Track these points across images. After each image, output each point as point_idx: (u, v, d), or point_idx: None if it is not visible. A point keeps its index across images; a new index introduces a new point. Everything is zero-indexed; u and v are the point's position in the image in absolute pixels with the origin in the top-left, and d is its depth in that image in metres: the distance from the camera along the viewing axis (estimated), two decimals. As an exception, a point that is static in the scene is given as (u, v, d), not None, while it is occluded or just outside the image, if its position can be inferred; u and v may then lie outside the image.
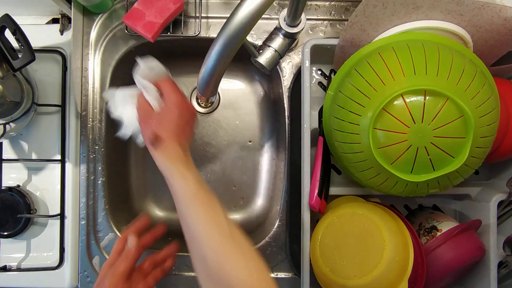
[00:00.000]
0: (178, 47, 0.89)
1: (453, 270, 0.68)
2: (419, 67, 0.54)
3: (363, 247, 0.63)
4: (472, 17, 0.60)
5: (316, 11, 0.83)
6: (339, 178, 0.78)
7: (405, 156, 0.55)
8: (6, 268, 0.80)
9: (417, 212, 0.79)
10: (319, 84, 0.78)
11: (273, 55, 0.72)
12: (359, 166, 0.61)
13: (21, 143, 0.82)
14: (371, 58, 0.60)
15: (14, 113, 0.72)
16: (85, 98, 0.82)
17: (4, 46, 0.64)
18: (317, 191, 0.68)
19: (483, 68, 0.59)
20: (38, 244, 0.82)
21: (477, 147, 0.56)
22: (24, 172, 0.82)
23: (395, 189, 0.61)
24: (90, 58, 0.82)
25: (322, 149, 0.72)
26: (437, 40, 0.60)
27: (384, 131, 0.55)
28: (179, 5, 0.77)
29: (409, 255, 0.63)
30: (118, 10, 0.83)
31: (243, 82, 0.96)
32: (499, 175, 0.79)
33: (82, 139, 0.82)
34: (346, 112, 0.60)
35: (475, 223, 0.71)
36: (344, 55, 0.70)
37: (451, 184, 0.61)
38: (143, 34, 0.76)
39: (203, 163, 0.95)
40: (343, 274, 0.64)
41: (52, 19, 0.84)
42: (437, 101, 0.53)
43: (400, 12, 0.61)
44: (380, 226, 0.63)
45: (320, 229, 0.68)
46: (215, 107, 0.96)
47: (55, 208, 0.81)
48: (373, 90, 0.56)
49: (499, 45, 0.65)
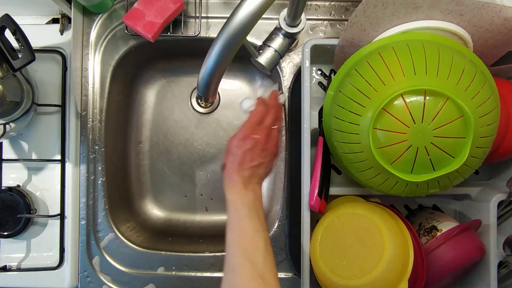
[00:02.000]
0: (178, 47, 0.89)
1: (453, 270, 0.68)
2: (419, 67, 0.54)
3: (363, 247, 0.63)
4: (472, 17, 0.60)
5: (316, 11, 0.83)
6: (339, 178, 0.78)
7: (405, 156, 0.55)
8: (6, 268, 0.80)
9: (417, 212, 0.79)
10: (319, 84, 0.78)
11: (273, 55, 0.72)
12: (359, 166, 0.61)
13: (21, 143, 0.82)
14: (371, 58, 0.60)
15: (14, 113, 0.72)
16: (85, 98, 0.82)
17: (4, 46, 0.64)
18: (317, 191, 0.68)
19: (483, 68, 0.59)
20: (38, 244, 0.82)
21: (477, 147, 0.56)
22: (24, 172, 0.82)
23: (395, 189, 0.61)
24: (90, 58, 0.82)
25: (322, 149, 0.72)
26: (437, 40, 0.60)
27: (384, 131, 0.55)
28: (179, 5, 0.77)
29: (409, 255, 0.63)
30: (118, 10, 0.83)
31: (243, 82, 0.96)
32: (499, 175, 0.78)
33: (82, 139, 0.82)
34: (346, 112, 0.60)
35: (475, 223, 0.71)
36: (344, 55, 0.70)
37: (451, 184, 0.61)
38: (143, 34, 0.76)
39: (203, 163, 0.96)
40: (343, 274, 0.64)
41: (52, 19, 0.84)
42: (437, 101, 0.53)
43: (400, 12, 0.61)
44: (380, 226, 0.63)
45: (320, 229, 0.68)
46: (215, 107, 0.96)
47: (55, 208, 0.81)
48: (373, 90, 0.56)
49: (499, 45, 0.65)
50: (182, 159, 0.95)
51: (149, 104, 0.95)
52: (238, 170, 0.67)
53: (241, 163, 0.67)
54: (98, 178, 0.82)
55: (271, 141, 0.70)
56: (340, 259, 0.65)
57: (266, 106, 0.73)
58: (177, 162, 0.95)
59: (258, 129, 0.70)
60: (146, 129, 0.95)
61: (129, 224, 0.87)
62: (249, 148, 0.68)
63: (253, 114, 0.72)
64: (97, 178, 0.82)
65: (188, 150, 0.95)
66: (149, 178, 0.95)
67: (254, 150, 0.68)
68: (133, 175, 0.95)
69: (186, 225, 0.94)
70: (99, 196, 0.82)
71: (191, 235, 0.92)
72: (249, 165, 0.67)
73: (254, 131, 0.70)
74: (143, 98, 0.95)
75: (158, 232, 0.91)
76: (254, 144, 0.68)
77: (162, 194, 0.95)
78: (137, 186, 0.95)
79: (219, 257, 0.83)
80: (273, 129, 0.72)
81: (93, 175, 0.82)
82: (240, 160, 0.67)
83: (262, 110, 0.72)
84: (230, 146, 0.70)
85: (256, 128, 0.70)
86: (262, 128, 0.70)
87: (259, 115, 0.71)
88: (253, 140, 0.68)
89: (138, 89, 0.94)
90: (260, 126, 0.70)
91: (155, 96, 0.95)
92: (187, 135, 0.95)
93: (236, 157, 0.68)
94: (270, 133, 0.71)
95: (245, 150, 0.68)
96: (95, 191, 0.82)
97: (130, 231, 0.86)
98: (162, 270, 0.82)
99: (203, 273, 0.82)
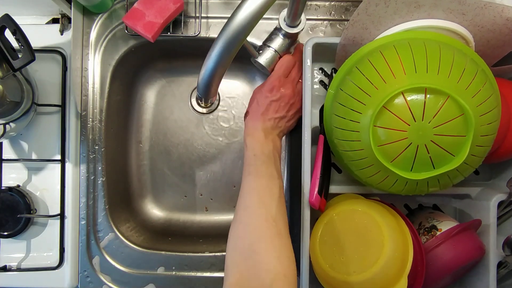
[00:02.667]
0: (178, 47, 0.89)
1: (452, 269, 0.68)
2: (420, 65, 0.54)
3: (363, 243, 0.63)
4: (474, 16, 0.60)
5: (316, 11, 0.83)
6: (340, 176, 0.78)
7: (405, 154, 0.55)
8: (6, 268, 0.80)
9: (417, 212, 0.79)
10: (320, 82, 0.78)
11: (273, 55, 0.72)
12: (359, 164, 0.61)
13: (21, 143, 0.81)
14: (372, 56, 0.60)
15: (14, 113, 0.72)
16: (85, 98, 0.82)
17: (4, 46, 0.64)
18: (317, 189, 0.68)
19: (484, 67, 0.59)
20: (38, 244, 0.81)
21: (478, 145, 0.56)
22: (24, 172, 0.82)
23: (395, 187, 0.61)
24: (90, 58, 0.82)
25: (322, 147, 0.72)
26: (438, 38, 0.60)
27: (384, 129, 0.55)
28: (179, 5, 0.77)
29: (408, 251, 0.63)
30: (118, 10, 0.83)
31: (243, 82, 0.96)
32: (500, 175, 0.78)
33: (82, 139, 0.82)
34: (346, 110, 0.60)
35: (475, 223, 0.71)
36: (345, 53, 0.70)
37: (451, 183, 0.61)
38: (143, 34, 0.76)
39: (203, 163, 0.96)
40: (343, 270, 0.64)
41: (52, 19, 0.84)
42: (438, 99, 0.53)
43: (402, 11, 0.61)
44: (379, 222, 0.63)
45: (319, 226, 0.68)
46: (215, 107, 0.96)
47: (55, 208, 0.81)
48: (374, 88, 0.56)
49: (501, 45, 0.65)
50: (182, 159, 0.95)
51: (149, 104, 0.95)
52: (261, 119, 0.68)
53: (265, 113, 0.68)
54: (98, 178, 0.82)
55: (297, 96, 0.71)
56: (339, 256, 0.65)
57: (292, 58, 0.73)
58: (177, 162, 0.95)
59: (286, 81, 0.71)
60: (146, 129, 0.95)
61: (129, 224, 0.87)
62: (275, 100, 0.69)
63: (280, 66, 0.72)
64: (97, 178, 0.82)
65: (188, 150, 0.95)
66: (149, 178, 0.95)
67: (280, 103, 0.69)
68: (133, 175, 0.95)
69: (186, 225, 0.94)
70: (99, 196, 0.82)
71: (191, 235, 0.92)
72: (273, 116, 0.69)
73: (281, 83, 0.70)
74: (143, 98, 0.95)
75: (158, 232, 0.91)
76: (280, 97, 0.69)
77: (162, 194, 0.95)
78: (137, 186, 0.95)
79: (219, 257, 0.83)
80: (299, 83, 0.73)
81: (93, 175, 0.82)
82: (264, 109, 0.68)
83: (289, 61, 0.72)
84: (256, 95, 0.71)
85: (284, 81, 0.71)
86: (289, 81, 0.71)
87: (286, 66, 0.72)
88: (279, 93, 0.69)
89: (138, 89, 0.94)
90: (287, 79, 0.71)
91: (155, 96, 0.95)
92: (187, 135, 0.96)
93: (261, 107, 0.69)
94: (296, 88, 0.72)
95: (271, 101, 0.69)
96: (95, 191, 0.82)
97: (130, 231, 0.86)
98: (162, 270, 0.82)
99: (203, 273, 0.82)
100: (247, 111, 0.72)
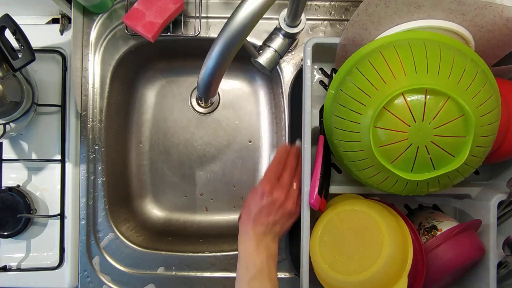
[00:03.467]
0: (178, 47, 0.89)
1: (452, 269, 0.68)
2: (420, 65, 0.54)
3: (363, 243, 0.63)
4: (474, 16, 0.60)
5: (316, 11, 0.83)
6: (340, 177, 0.78)
7: (405, 154, 0.55)
8: (6, 268, 0.80)
9: (417, 212, 0.79)
10: (320, 83, 0.78)
11: (273, 55, 0.72)
12: (360, 164, 0.61)
13: (21, 143, 0.81)
14: (372, 56, 0.60)
15: (14, 113, 0.72)
16: (85, 98, 0.82)
17: (4, 46, 0.64)
18: (317, 189, 0.68)
19: (484, 67, 0.59)
20: (38, 244, 0.82)
21: (478, 146, 0.56)
22: (24, 172, 0.82)
23: (395, 187, 0.61)
24: (90, 58, 0.82)
25: (322, 147, 0.72)
26: (438, 39, 0.60)
27: (384, 129, 0.55)
28: (179, 5, 0.77)
29: (408, 250, 0.63)
30: (118, 10, 0.83)
31: (243, 82, 0.96)
32: (500, 175, 0.78)
33: (82, 139, 0.82)
34: (347, 111, 0.59)
35: (475, 223, 0.71)
36: (345, 53, 0.70)
37: (451, 183, 0.61)
38: (143, 34, 0.76)
39: (203, 163, 0.96)
40: (343, 270, 0.64)
41: (52, 19, 0.84)
42: (438, 100, 0.53)
43: (402, 11, 0.61)
44: (379, 222, 0.63)
45: (319, 226, 0.68)
46: (215, 107, 0.96)
47: (55, 208, 0.81)
48: (374, 89, 0.56)
49: (501, 45, 0.65)
50: (182, 159, 0.95)
51: (149, 104, 0.95)
52: (253, 225, 0.67)
53: (257, 218, 0.68)
54: (98, 178, 0.82)
55: (289, 200, 0.70)
56: (339, 255, 0.65)
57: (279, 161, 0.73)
58: (177, 162, 0.95)
59: (278, 186, 0.70)
60: (146, 129, 0.95)
61: (129, 224, 0.87)
62: (266, 205, 0.68)
63: (269, 169, 0.72)
64: (97, 178, 0.82)
65: (188, 150, 0.95)
66: (149, 178, 0.95)
67: (271, 207, 0.68)
68: (133, 175, 0.95)
69: (186, 225, 0.94)
70: (99, 196, 0.82)
71: (191, 235, 0.92)
72: (265, 221, 0.68)
73: (272, 187, 0.69)
74: (143, 98, 0.95)
75: (158, 232, 0.91)
76: (272, 201, 0.68)
77: (162, 194, 0.95)
78: (137, 186, 0.95)
79: (219, 257, 0.83)
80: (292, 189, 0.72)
81: (93, 175, 0.82)
82: (255, 214, 0.68)
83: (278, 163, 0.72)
84: (248, 198, 0.70)
85: (276, 185, 0.70)
86: (282, 186, 0.70)
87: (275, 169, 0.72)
88: (271, 197, 0.68)
89: (138, 89, 0.94)
90: (280, 183, 0.70)
91: (155, 96, 0.95)
92: (187, 135, 0.95)
93: (252, 211, 0.68)
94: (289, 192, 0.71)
95: (262, 206, 0.68)
96: (95, 191, 0.82)
97: (130, 231, 0.86)
98: (162, 270, 0.82)
99: (203, 273, 0.82)
100: (240, 214, 0.72)
